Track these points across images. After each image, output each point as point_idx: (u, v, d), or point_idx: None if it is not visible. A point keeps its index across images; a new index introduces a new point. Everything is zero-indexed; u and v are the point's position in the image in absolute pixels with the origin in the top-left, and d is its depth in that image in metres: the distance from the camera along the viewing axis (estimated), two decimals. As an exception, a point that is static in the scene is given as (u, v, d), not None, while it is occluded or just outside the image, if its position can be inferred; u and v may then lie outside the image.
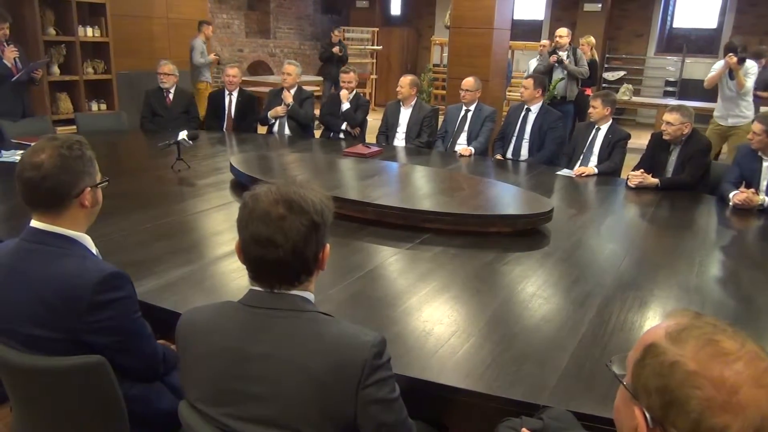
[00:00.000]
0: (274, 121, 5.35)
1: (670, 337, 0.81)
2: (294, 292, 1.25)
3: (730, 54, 5.41)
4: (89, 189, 1.53)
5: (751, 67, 5.52)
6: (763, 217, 3.33)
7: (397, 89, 5.12)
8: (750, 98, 5.70)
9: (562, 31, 6.43)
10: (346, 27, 12.53)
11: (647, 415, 0.80)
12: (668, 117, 3.79)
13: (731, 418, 0.74)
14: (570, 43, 6.54)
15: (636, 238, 2.99)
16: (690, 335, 0.80)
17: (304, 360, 1.16)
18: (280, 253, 1.19)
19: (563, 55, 6.37)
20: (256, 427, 1.17)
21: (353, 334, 1.20)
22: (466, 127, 4.92)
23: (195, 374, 1.25)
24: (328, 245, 1.29)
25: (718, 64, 5.69)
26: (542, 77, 4.90)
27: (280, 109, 5.30)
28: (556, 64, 6.40)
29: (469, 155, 4.63)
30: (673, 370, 0.78)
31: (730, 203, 3.45)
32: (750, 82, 5.56)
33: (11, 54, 4.65)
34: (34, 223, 1.50)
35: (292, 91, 5.30)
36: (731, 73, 5.52)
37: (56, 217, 1.49)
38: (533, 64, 8.22)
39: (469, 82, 4.89)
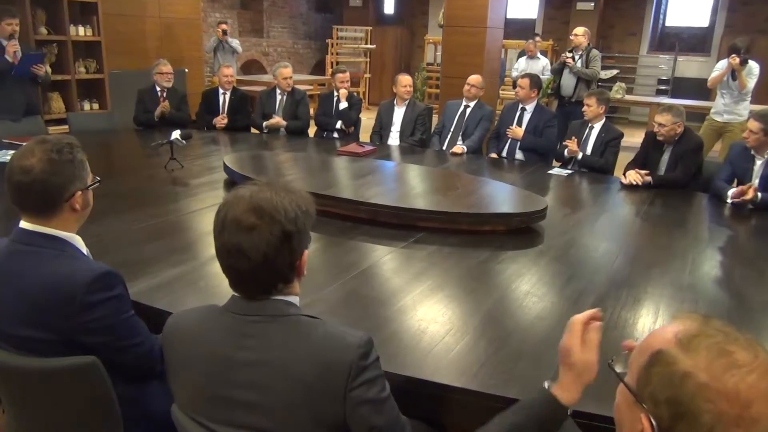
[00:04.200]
0: (267, 131, 5.31)
1: (681, 344, 0.79)
2: (275, 297, 1.22)
3: (733, 55, 5.42)
4: (80, 192, 1.51)
5: (754, 67, 5.55)
6: (755, 215, 3.35)
7: (404, 88, 5.07)
8: (749, 98, 5.76)
9: (578, 30, 6.29)
10: (339, 26, 12.52)
11: (654, 423, 0.78)
12: (660, 119, 3.81)
13: None
14: (589, 43, 6.34)
15: (629, 237, 3.00)
16: (701, 344, 0.78)
17: (290, 364, 1.15)
18: (251, 263, 1.16)
19: (571, 55, 6.23)
20: None
21: (338, 336, 1.18)
22: (463, 124, 4.92)
23: (182, 380, 1.24)
24: (306, 252, 1.25)
25: (721, 64, 5.71)
26: (537, 77, 4.88)
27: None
28: (565, 64, 6.24)
29: (461, 153, 4.63)
30: (684, 381, 0.76)
31: (729, 201, 3.44)
32: (752, 83, 5.60)
33: (12, 48, 4.59)
34: (24, 224, 1.48)
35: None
36: (734, 73, 5.55)
37: (46, 220, 1.48)
38: (521, 62, 8.21)
39: (477, 78, 4.96)
